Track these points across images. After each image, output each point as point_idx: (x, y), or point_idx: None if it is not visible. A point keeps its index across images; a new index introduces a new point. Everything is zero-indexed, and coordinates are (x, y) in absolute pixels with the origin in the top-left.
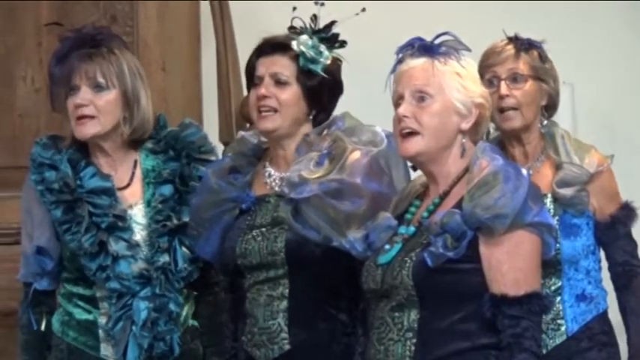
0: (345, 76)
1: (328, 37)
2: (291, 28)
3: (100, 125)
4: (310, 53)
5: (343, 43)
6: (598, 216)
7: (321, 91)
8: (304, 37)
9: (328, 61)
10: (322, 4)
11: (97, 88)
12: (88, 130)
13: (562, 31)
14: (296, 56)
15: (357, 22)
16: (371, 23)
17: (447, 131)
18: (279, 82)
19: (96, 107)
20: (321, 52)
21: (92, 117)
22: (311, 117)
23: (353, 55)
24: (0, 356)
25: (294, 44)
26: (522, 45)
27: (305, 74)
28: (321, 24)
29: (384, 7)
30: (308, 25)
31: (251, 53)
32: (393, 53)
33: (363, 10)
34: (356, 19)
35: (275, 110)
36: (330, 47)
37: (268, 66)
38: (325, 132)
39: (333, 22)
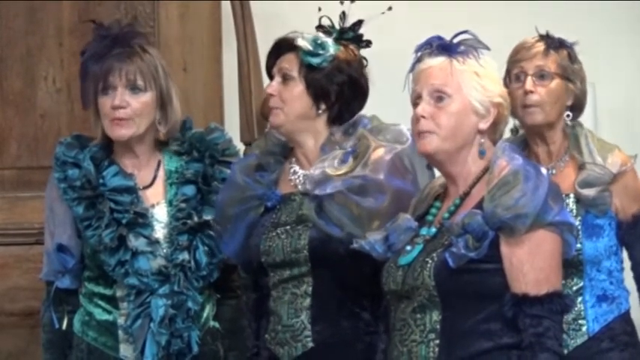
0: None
1: (352, 37)
2: (319, 27)
3: (136, 127)
4: (307, 46)
5: (368, 43)
6: (621, 216)
7: (328, 85)
8: (309, 34)
9: (329, 54)
10: (342, 2)
11: (135, 89)
12: (124, 132)
13: (583, 30)
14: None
15: (379, 20)
16: (393, 22)
17: (464, 131)
18: (285, 78)
19: (132, 109)
20: (321, 45)
21: (128, 119)
22: (320, 111)
23: (375, 54)
24: (21, 356)
25: (297, 40)
26: (553, 43)
27: (308, 68)
28: (336, 23)
29: (406, 5)
30: (334, 24)
31: (268, 53)
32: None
33: (390, 9)
34: (379, 17)
35: (279, 107)
36: (352, 45)
37: (279, 64)
38: (351, 130)
39: (360, 22)
